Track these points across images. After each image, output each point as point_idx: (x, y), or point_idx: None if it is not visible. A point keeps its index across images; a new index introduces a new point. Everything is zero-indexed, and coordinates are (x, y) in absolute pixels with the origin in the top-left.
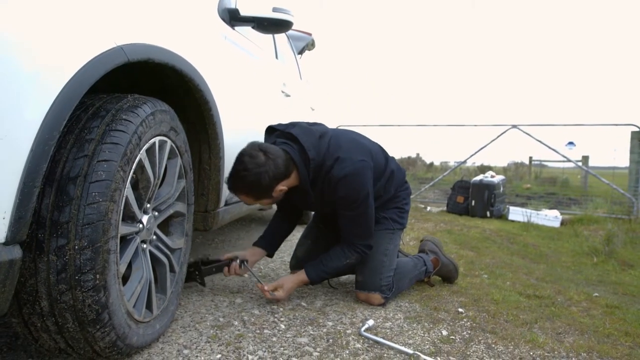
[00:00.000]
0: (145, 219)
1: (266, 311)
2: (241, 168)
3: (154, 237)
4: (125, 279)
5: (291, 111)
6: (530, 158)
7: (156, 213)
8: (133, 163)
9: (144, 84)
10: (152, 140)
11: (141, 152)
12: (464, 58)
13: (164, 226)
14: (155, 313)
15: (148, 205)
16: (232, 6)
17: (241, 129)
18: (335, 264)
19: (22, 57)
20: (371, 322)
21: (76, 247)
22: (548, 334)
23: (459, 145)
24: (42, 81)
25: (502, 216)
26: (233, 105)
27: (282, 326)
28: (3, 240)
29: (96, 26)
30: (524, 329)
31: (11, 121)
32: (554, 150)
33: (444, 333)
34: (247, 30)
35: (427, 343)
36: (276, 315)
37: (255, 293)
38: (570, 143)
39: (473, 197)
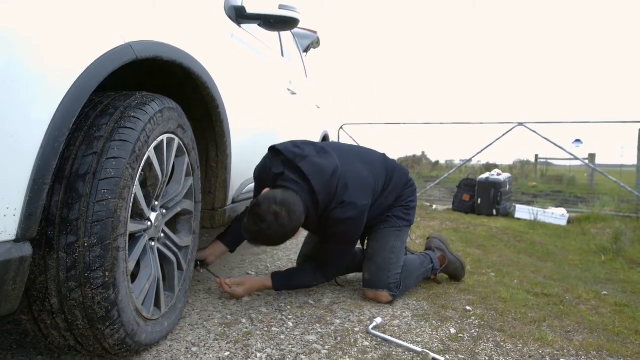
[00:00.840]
0: (153, 217)
1: (274, 309)
2: (265, 227)
3: (162, 235)
4: (133, 277)
5: (297, 109)
6: (536, 156)
7: (164, 211)
8: (141, 161)
9: (151, 82)
10: (160, 137)
11: (149, 150)
12: (470, 55)
13: (172, 224)
14: (163, 311)
15: (156, 202)
16: (239, 4)
17: (248, 127)
18: (302, 282)
19: (32, 55)
20: (379, 320)
21: (85, 245)
22: (557, 333)
23: (465, 143)
24: (51, 79)
25: (509, 214)
26: (240, 102)
27: (290, 324)
28: (14, 237)
29: (105, 23)
30: (533, 327)
31: (21, 119)
32: (561, 148)
33: (453, 331)
34: (254, 27)
35: (436, 341)
36: (284, 313)
37: (262, 291)
38: (577, 141)
39: (479, 195)
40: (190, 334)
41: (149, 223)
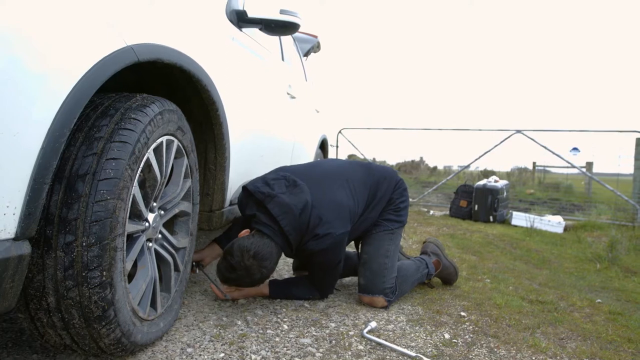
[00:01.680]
0: (151, 218)
1: (269, 311)
2: (235, 277)
3: (160, 236)
4: (130, 277)
5: (296, 113)
6: (534, 163)
7: (162, 212)
8: (141, 162)
9: (152, 84)
10: (160, 139)
11: (149, 151)
12: (469, 62)
13: (169, 225)
14: (159, 311)
15: (154, 204)
16: (240, 8)
17: (247, 130)
18: (298, 293)
19: (34, 56)
20: (374, 324)
21: (84, 244)
22: (550, 339)
23: (463, 149)
24: (54, 80)
25: (505, 221)
26: (239, 105)
27: (285, 326)
28: (13, 235)
29: (107, 26)
30: (527, 334)
31: (23, 119)
32: (558, 155)
33: (447, 336)
34: (254, 31)
35: (430, 346)
36: (279, 315)
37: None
38: (574, 149)
39: (476, 202)
40: (185, 335)
41: (147, 224)
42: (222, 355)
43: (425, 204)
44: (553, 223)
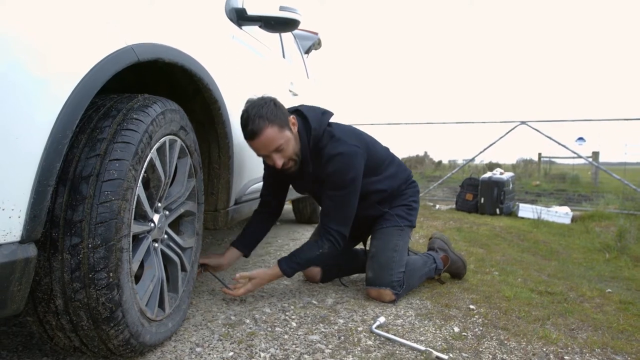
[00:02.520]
0: (156, 218)
1: (277, 309)
2: (251, 109)
3: (165, 236)
4: (137, 278)
5: None
6: (539, 155)
7: (167, 212)
8: (144, 162)
9: (153, 83)
10: (163, 139)
11: (152, 151)
12: (472, 54)
13: (175, 225)
14: (167, 311)
15: (159, 204)
16: (239, 5)
17: None
18: (307, 255)
19: (35, 58)
20: (382, 319)
21: (90, 246)
22: (561, 330)
23: (467, 142)
24: (54, 82)
25: (512, 213)
26: (242, 104)
27: (294, 324)
28: (19, 238)
29: (107, 26)
30: (537, 326)
31: (25, 121)
32: (564, 146)
33: (456, 330)
34: (255, 29)
35: (439, 340)
36: (287, 313)
37: (265, 291)
38: (580, 139)
39: (482, 195)
40: (194, 335)
41: (152, 224)
42: (231, 354)
43: (431, 199)
44: (560, 214)
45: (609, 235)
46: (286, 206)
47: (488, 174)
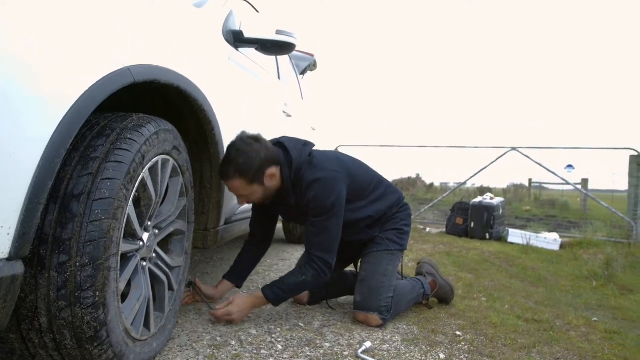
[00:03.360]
0: (145, 237)
1: (263, 331)
2: (233, 150)
3: (154, 255)
4: (124, 297)
5: (292, 131)
6: (529, 180)
7: (157, 231)
8: (136, 181)
9: (148, 102)
10: (155, 159)
11: (144, 171)
12: (465, 80)
13: (164, 244)
14: (152, 331)
15: (149, 223)
16: (237, 28)
17: None
18: (292, 281)
19: (31, 79)
20: (368, 344)
21: (77, 264)
22: (546, 359)
23: (459, 166)
24: (51, 101)
25: (502, 238)
26: (235, 125)
27: (280, 347)
28: (6, 255)
29: (105, 47)
30: (522, 354)
31: (19, 139)
32: (553, 173)
33: (442, 356)
34: (251, 51)
35: None
36: (273, 335)
37: (252, 313)
38: (569, 166)
39: (472, 219)
40: (179, 356)
41: (141, 243)
42: None
43: (421, 221)
44: (549, 240)
45: (597, 263)
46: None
47: (478, 199)
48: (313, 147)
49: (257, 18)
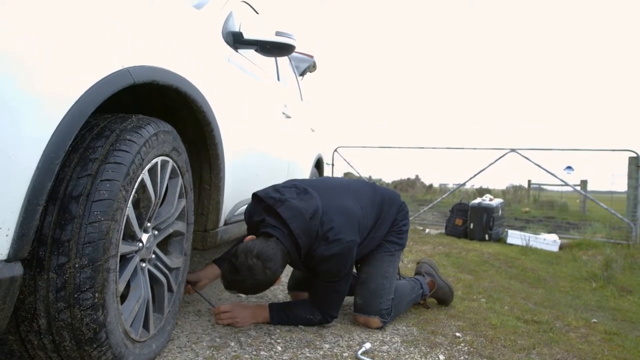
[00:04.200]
0: (145, 238)
1: (263, 332)
2: (239, 279)
3: (153, 256)
4: (123, 298)
5: (291, 132)
6: (529, 181)
7: (156, 232)
8: (135, 183)
9: (147, 102)
10: (155, 160)
11: (143, 172)
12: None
13: (163, 245)
14: (152, 332)
15: (148, 224)
16: (236, 29)
17: (242, 150)
18: (300, 315)
19: (30, 79)
20: (368, 346)
21: (76, 266)
22: None
23: (458, 167)
24: (50, 102)
25: (501, 239)
26: (234, 126)
27: (279, 348)
28: (5, 257)
29: (104, 48)
30: (522, 355)
31: (19, 140)
32: (552, 174)
33: (441, 358)
34: (251, 52)
35: None
36: (273, 336)
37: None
38: (568, 167)
39: (471, 220)
40: (178, 357)
41: (141, 244)
42: None
43: (421, 223)
44: (548, 241)
45: (596, 264)
46: None
47: (478, 200)
48: (318, 212)
49: (257, 19)
